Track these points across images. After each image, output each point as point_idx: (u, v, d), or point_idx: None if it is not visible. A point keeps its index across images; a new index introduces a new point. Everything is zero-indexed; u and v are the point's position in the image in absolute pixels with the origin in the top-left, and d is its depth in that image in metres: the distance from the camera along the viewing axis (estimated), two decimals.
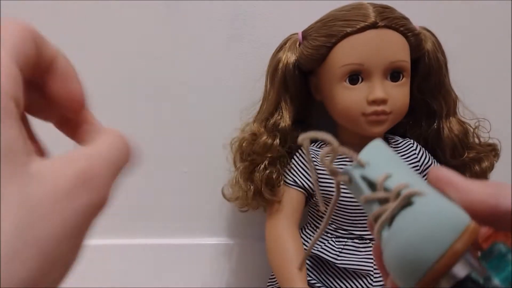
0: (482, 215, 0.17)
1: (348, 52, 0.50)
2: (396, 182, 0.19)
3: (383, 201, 0.19)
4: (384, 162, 0.21)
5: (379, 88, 0.50)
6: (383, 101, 0.50)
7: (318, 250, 0.54)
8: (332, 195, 0.54)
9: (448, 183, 0.19)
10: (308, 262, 0.55)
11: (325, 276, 0.55)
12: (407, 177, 0.20)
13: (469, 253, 0.17)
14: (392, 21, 0.50)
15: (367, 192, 0.20)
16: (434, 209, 0.18)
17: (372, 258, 0.53)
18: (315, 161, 0.56)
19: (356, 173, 0.21)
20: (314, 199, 0.57)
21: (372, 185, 0.20)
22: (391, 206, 0.18)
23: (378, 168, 0.20)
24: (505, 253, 0.17)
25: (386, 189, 0.19)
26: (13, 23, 0.16)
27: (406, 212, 0.18)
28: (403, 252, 0.17)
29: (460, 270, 0.17)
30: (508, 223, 0.17)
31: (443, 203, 0.18)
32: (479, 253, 0.19)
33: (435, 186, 0.19)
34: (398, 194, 0.19)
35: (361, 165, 0.21)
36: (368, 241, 0.54)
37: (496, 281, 0.17)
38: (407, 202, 0.18)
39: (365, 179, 0.20)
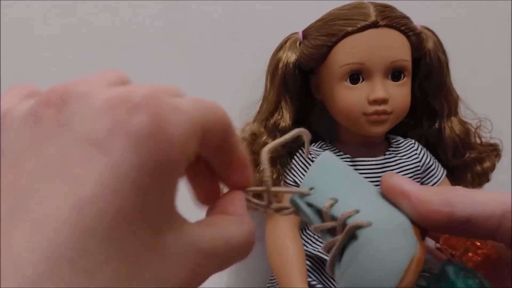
0: (438, 225, 0.17)
1: (348, 52, 0.50)
2: (342, 208, 0.18)
3: (333, 231, 0.18)
4: (330, 184, 0.19)
5: (380, 87, 0.50)
6: (384, 101, 0.50)
7: (318, 251, 0.54)
8: None
9: (400, 194, 0.18)
10: (308, 262, 0.55)
11: (325, 276, 0.55)
12: (355, 199, 0.18)
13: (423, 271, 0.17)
14: (393, 20, 0.50)
15: (316, 221, 0.19)
16: (377, 244, 0.17)
17: None
18: (314, 161, 0.55)
19: (302, 202, 0.19)
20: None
21: (319, 213, 0.19)
22: (338, 239, 0.18)
23: (324, 192, 0.19)
24: (453, 280, 0.16)
25: (333, 217, 0.18)
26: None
27: (353, 245, 0.17)
28: None
29: None
30: (462, 230, 0.16)
31: (387, 233, 0.17)
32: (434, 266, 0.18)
33: (387, 197, 0.18)
34: (344, 224, 0.18)
35: (305, 194, 0.19)
36: None
37: None
38: (353, 235, 0.17)
39: (311, 206, 0.19)
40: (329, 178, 0.19)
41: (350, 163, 0.54)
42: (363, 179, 0.20)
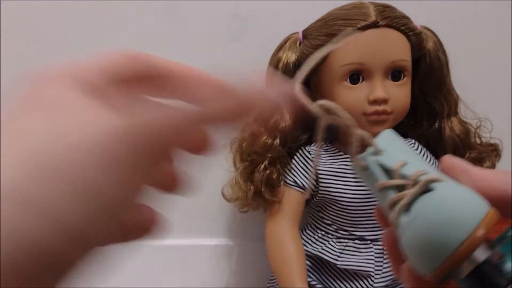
0: (493, 201, 0.18)
1: (348, 52, 0.50)
2: (413, 169, 0.19)
3: (400, 188, 0.19)
4: (398, 150, 0.21)
5: (380, 87, 0.50)
6: (384, 101, 0.50)
7: (318, 251, 0.54)
8: (332, 195, 0.53)
9: (461, 170, 0.19)
10: (308, 263, 0.55)
11: (325, 277, 0.55)
12: (422, 165, 0.20)
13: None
14: (393, 20, 0.50)
15: (383, 179, 0.20)
16: (454, 195, 0.18)
17: (373, 259, 0.52)
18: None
19: (372, 160, 0.21)
20: (314, 199, 0.56)
21: (387, 173, 0.20)
22: (410, 191, 0.19)
23: (394, 156, 0.20)
24: None
25: (403, 176, 0.19)
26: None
27: (425, 198, 0.18)
28: (425, 237, 0.18)
29: (480, 255, 0.17)
30: None
31: (462, 189, 0.18)
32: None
33: (447, 174, 0.20)
34: (416, 181, 0.19)
35: (377, 152, 0.21)
36: (369, 242, 0.53)
37: (510, 264, 0.17)
38: (426, 189, 0.18)
39: (381, 166, 0.20)
40: (397, 145, 0.21)
41: (350, 163, 0.54)
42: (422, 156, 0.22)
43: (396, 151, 0.21)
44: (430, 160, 0.57)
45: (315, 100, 0.61)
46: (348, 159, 0.55)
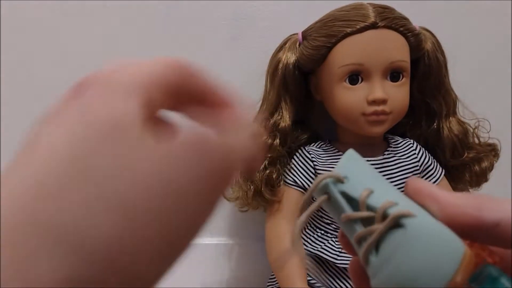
0: (463, 228, 0.17)
1: (348, 52, 0.50)
2: (380, 199, 0.18)
3: (367, 221, 0.18)
4: (363, 176, 0.19)
5: (379, 88, 0.50)
6: (383, 101, 0.50)
7: (318, 250, 0.54)
8: None
9: (428, 195, 0.18)
10: (308, 262, 0.55)
11: (325, 276, 0.55)
12: (390, 192, 0.18)
13: None
14: (392, 21, 0.50)
15: (347, 210, 0.18)
16: (427, 237, 0.16)
17: None
18: (314, 160, 0.56)
19: (335, 189, 0.19)
20: (314, 199, 0.56)
21: (353, 202, 0.18)
22: (379, 228, 0.17)
23: (358, 183, 0.18)
24: (496, 277, 0.16)
25: (369, 208, 0.18)
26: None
27: (396, 236, 0.17)
28: (399, 284, 0.16)
29: None
30: (490, 235, 0.16)
31: (435, 227, 0.17)
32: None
33: (413, 199, 0.18)
34: (384, 214, 0.17)
35: (339, 180, 0.19)
36: None
37: None
38: (396, 224, 0.17)
39: (344, 195, 0.18)
40: (361, 170, 0.19)
41: None
42: (387, 179, 0.20)
43: (360, 177, 0.19)
44: (430, 163, 0.57)
45: (315, 101, 0.60)
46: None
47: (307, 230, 0.58)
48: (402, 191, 0.19)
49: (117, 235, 0.13)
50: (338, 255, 0.53)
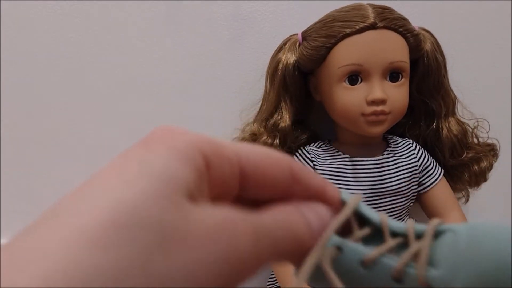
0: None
1: (347, 53, 0.50)
2: (396, 224, 0.17)
3: (397, 248, 0.16)
4: (370, 213, 0.18)
5: (378, 88, 0.50)
6: (382, 101, 0.50)
7: None
8: None
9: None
10: None
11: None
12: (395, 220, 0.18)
13: None
14: (391, 21, 0.50)
15: (367, 250, 0.16)
16: (483, 232, 0.16)
17: None
18: (314, 160, 0.56)
19: (347, 242, 0.17)
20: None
21: (369, 241, 0.17)
22: (423, 243, 0.16)
23: (370, 216, 0.17)
24: None
25: (394, 233, 0.17)
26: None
27: (443, 241, 0.16)
28: (492, 269, 0.15)
29: None
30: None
31: (479, 225, 0.16)
32: None
33: None
34: (418, 232, 0.16)
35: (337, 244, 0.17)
36: None
37: None
38: (437, 235, 0.16)
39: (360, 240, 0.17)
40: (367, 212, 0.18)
41: (349, 163, 0.55)
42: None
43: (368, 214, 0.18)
44: (430, 163, 0.58)
45: (315, 101, 0.60)
46: (346, 159, 0.55)
47: None
48: (401, 190, 0.19)
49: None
50: None
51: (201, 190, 0.15)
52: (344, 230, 0.17)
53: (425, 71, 0.56)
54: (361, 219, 0.18)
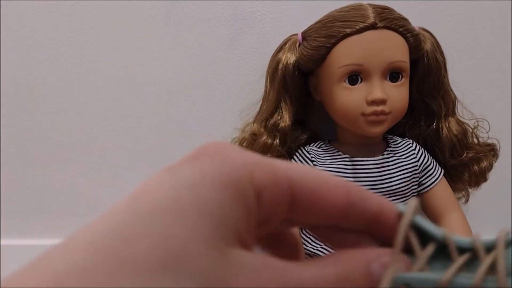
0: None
1: (347, 53, 0.50)
2: (460, 239, 0.16)
3: (467, 264, 0.16)
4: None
5: (378, 88, 0.50)
6: (382, 101, 0.50)
7: (317, 250, 0.55)
8: None
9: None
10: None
11: None
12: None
13: None
14: (391, 21, 0.50)
15: (438, 276, 0.15)
16: None
17: None
18: (314, 160, 0.56)
19: (414, 275, 0.16)
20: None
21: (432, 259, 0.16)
22: (497, 254, 0.15)
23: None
24: None
25: (461, 248, 0.16)
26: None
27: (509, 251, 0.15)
28: None
29: None
30: None
31: None
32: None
33: None
34: (488, 245, 0.16)
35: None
36: None
37: None
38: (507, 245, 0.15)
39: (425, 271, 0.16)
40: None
41: (349, 163, 0.55)
42: None
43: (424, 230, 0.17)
44: (430, 163, 0.58)
45: (315, 101, 0.60)
46: (346, 159, 0.55)
47: (306, 230, 0.58)
48: (401, 190, 0.18)
49: None
50: None
51: (249, 229, 0.14)
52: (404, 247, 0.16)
53: (425, 71, 0.56)
54: (419, 233, 0.17)
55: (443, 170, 0.59)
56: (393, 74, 0.52)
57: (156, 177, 0.14)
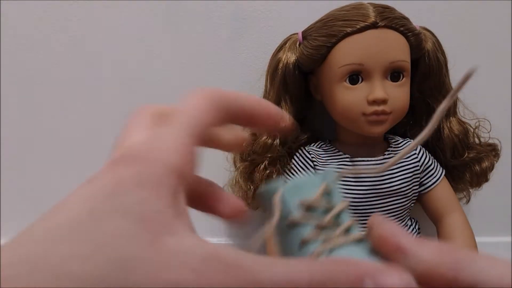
0: (434, 286, 0.15)
1: (348, 52, 0.50)
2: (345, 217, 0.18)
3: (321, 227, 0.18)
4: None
5: (379, 88, 0.50)
6: (383, 101, 0.50)
7: None
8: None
9: (395, 248, 0.16)
10: None
11: None
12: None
13: None
14: (392, 21, 0.50)
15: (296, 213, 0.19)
16: None
17: None
18: (314, 160, 0.56)
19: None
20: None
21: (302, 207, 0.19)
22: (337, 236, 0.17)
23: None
24: None
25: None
26: (193, 95, 0.18)
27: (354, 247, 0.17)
28: None
29: None
30: None
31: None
32: None
33: (378, 248, 0.17)
34: (345, 226, 0.18)
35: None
36: None
37: None
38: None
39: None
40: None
41: (349, 163, 0.55)
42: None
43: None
44: (431, 163, 0.57)
45: (315, 100, 0.60)
46: (347, 159, 0.55)
47: None
48: (402, 190, 0.18)
49: None
50: None
51: (179, 211, 0.15)
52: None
53: (426, 70, 0.56)
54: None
55: (444, 171, 0.58)
56: (394, 74, 0.52)
57: (77, 190, 0.15)
